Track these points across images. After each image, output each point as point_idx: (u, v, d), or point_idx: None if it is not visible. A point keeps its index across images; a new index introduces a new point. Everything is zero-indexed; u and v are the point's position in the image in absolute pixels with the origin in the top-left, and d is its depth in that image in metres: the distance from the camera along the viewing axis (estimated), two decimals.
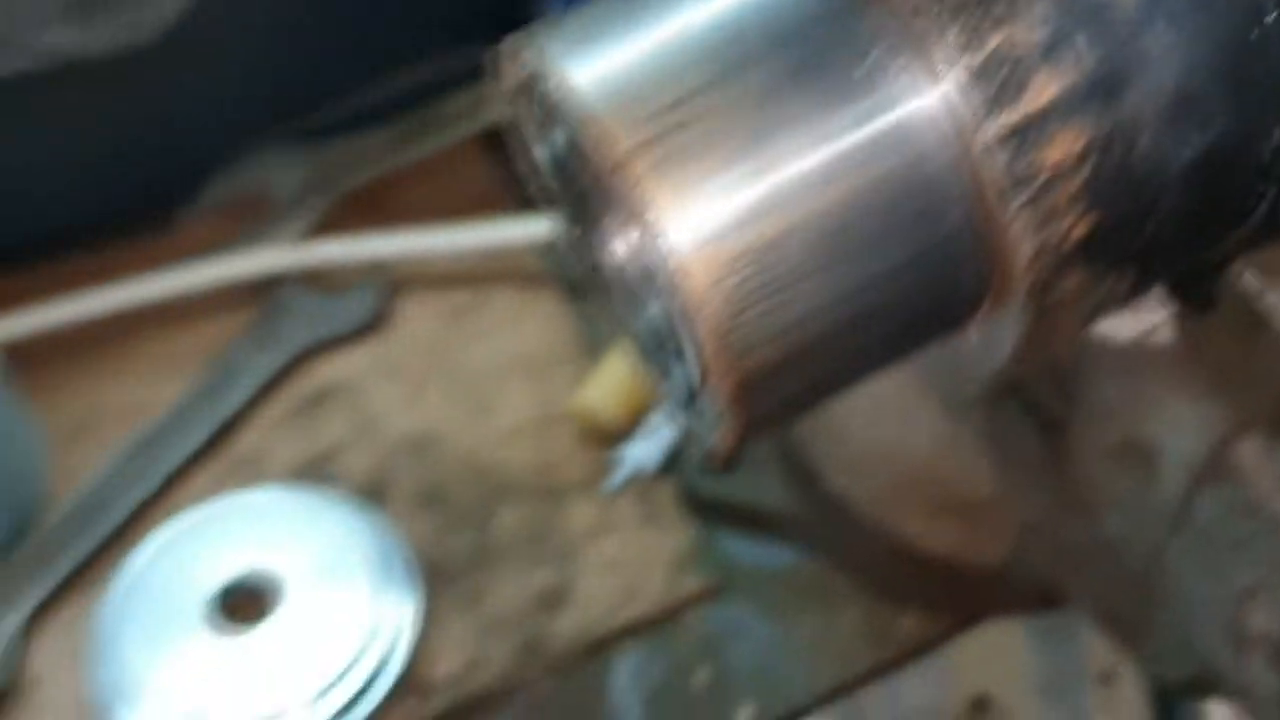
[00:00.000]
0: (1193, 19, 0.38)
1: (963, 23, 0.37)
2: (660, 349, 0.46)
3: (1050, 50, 0.37)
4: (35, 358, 1.06)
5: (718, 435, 0.42)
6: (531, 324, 1.10)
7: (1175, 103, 0.38)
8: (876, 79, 0.38)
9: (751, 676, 0.92)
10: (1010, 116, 0.37)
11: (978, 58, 0.37)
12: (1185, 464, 0.74)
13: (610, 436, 1.01)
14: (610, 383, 1.02)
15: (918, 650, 0.98)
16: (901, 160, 0.38)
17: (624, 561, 0.95)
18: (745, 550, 0.98)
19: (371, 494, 1.00)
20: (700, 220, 0.37)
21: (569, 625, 0.94)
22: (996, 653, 1.42)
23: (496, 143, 1.22)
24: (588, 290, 0.49)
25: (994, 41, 0.37)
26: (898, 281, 0.40)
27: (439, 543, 0.97)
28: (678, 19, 0.40)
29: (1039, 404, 0.82)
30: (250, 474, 1.03)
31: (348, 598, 0.92)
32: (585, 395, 1.02)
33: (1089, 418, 0.79)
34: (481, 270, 1.13)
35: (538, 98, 0.42)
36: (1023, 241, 0.38)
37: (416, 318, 1.11)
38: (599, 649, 0.94)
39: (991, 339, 0.43)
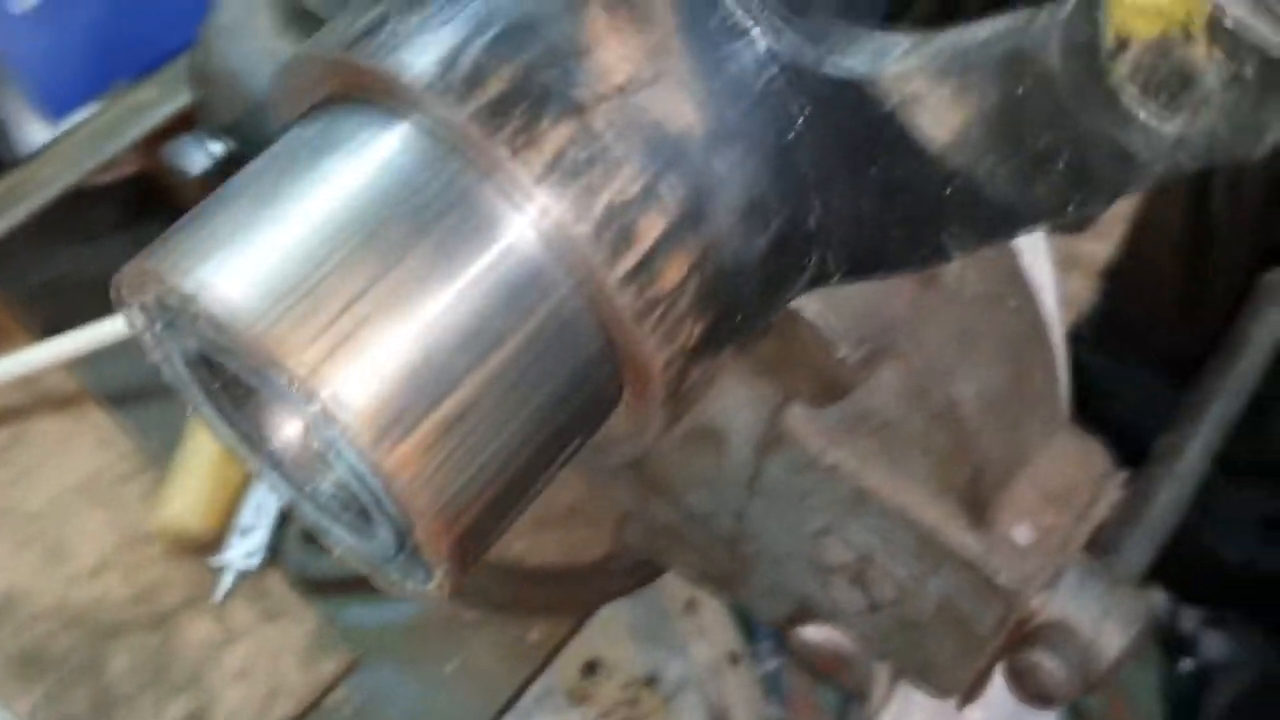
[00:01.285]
0: (742, 139, 0.45)
1: (574, 192, 0.42)
2: (345, 510, 0.48)
3: (647, 196, 0.43)
4: None
5: (436, 585, 0.45)
6: (83, 448, 1.04)
7: (746, 212, 0.45)
8: (512, 253, 0.42)
9: None
10: (629, 260, 0.42)
11: (592, 219, 0.42)
12: (748, 438, 0.84)
13: (204, 546, 0.99)
14: (190, 490, 1.00)
15: (550, 657, 1.04)
16: (547, 315, 0.43)
17: (256, 665, 0.94)
18: (371, 614, 1.00)
19: None
20: (391, 416, 0.40)
21: None
22: (599, 624, 1.51)
23: None
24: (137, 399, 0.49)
25: (603, 201, 0.42)
26: (562, 408, 0.45)
27: (52, 710, 0.91)
28: (302, 217, 0.42)
29: None
30: None
31: None
32: (168, 509, 0.99)
33: None
34: (13, 405, 1.05)
35: (168, 307, 0.42)
36: (657, 353, 0.44)
37: None
38: None
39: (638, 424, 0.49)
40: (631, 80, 0.43)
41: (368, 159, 0.43)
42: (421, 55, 0.42)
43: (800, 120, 0.46)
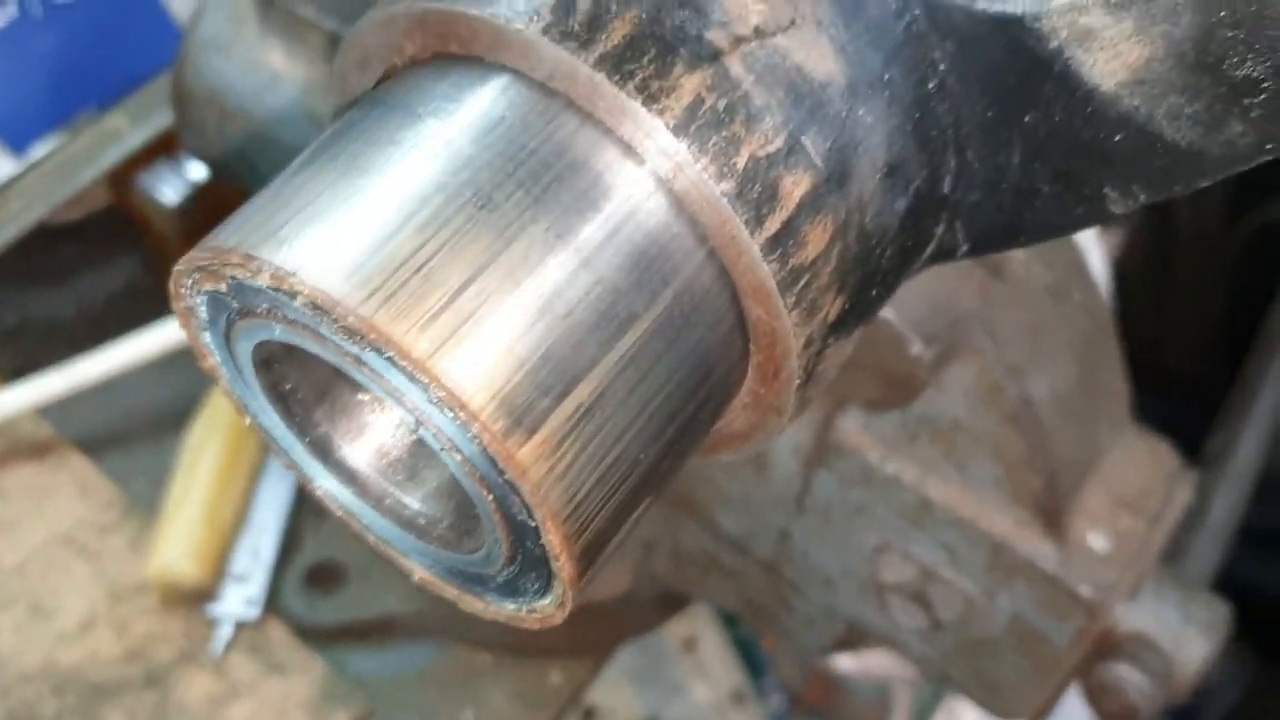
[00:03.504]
0: (881, 94, 0.40)
1: (716, 145, 0.36)
2: (438, 522, 0.42)
3: (789, 155, 0.38)
4: None
5: (555, 600, 0.40)
6: (61, 498, 0.97)
7: (886, 175, 0.40)
8: (643, 218, 0.37)
9: None
10: (774, 223, 0.37)
11: (736, 175, 0.37)
12: (794, 451, 0.79)
13: (197, 595, 0.92)
14: (180, 536, 0.93)
15: (571, 699, 0.98)
16: (681, 288, 0.38)
17: None
18: (382, 664, 0.93)
19: None
20: (523, 404, 0.34)
21: None
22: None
23: None
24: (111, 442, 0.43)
25: (745, 155, 0.37)
26: (692, 397, 0.39)
27: None
28: (405, 186, 0.36)
29: None
30: None
31: None
32: (157, 558, 0.92)
33: None
34: None
35: (253, 290, 0.36)
36: (797, 332, 0.39)
37: None
38: None
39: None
40: (768, 22, 0.38)
41: (472, 119, 0.37)
42: (530, 0, 0.37)
43: (942, 67, 0.41)
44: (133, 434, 1.03)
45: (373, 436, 0.42)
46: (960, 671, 0.83)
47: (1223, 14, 0.35)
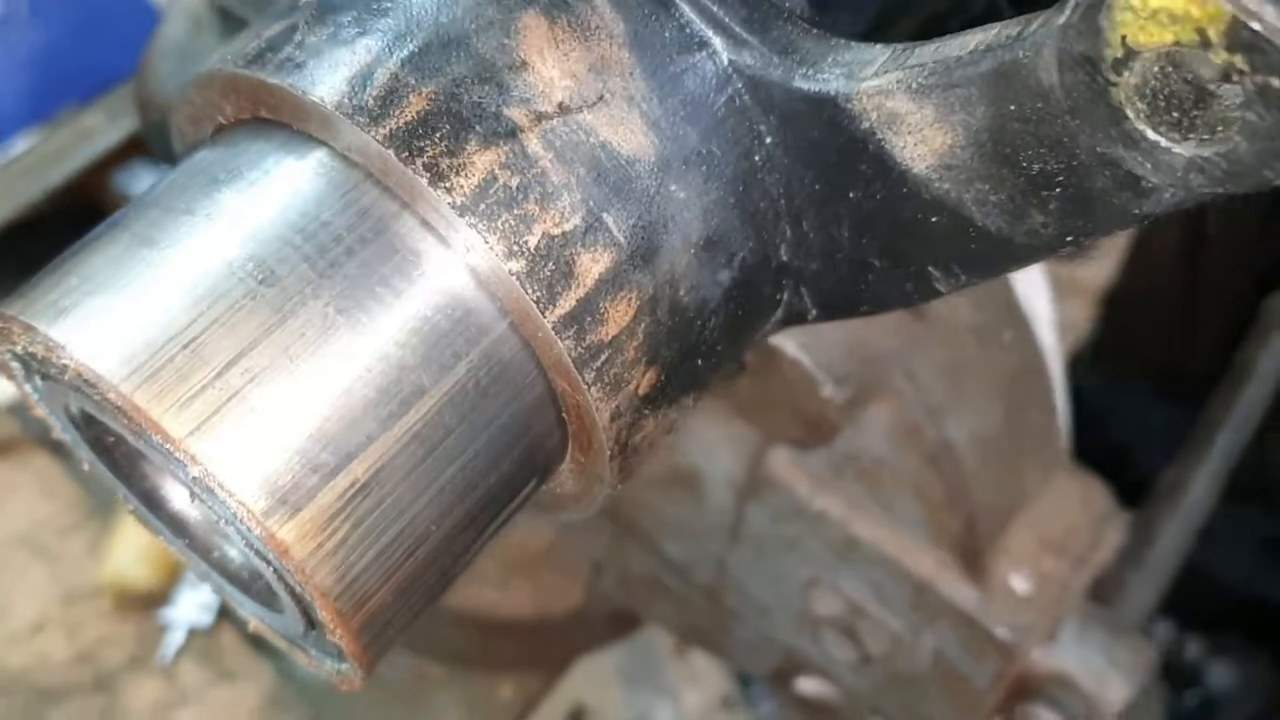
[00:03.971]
0: (698, 168, 0.40)
1: (505, 223, 0.36)
2: (255, 580, 0.43)
3: (588, 232, 0.37)
4: None
5: (346, 672, 0.40)
6: (23, 498, 0.99)
7: (704, 248, 0.40)
8: (435, 293, 0.37)
9: None
10: (568, 301, 0.37)
11: (526, 254, 0.36)
12: (728, 483, 0.79)
13: (151, 599, 0.94)
14: (136, 541, 0.94)
15: (522, 714, 0.99)
16: (478, 362, 0.38)
17: None
18: None
19: None
20: (280, 482, 0.34)
21: None
22: (584, 669, 1.46)
23: None
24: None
25: (538, 234, 0.36)
26: (495, 468, 0.39)
27: None
28: (188, 258, 0.36)
29: None
30: None
31: None
32: (113, 563, 0.94)
33: None
34: None
35: (37, 358, 0.37)
36: (600, 407, 0.39)
37: None
38: None
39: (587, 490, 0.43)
40: (574, 98, 0.38)
41: (269, 189, 0.37)
42: (332, 72, 0.37)
43: (768, 140, 0.41)
44: None
45: (185, 497, 0.43)
46: (890, 705, 0.82)
47: (1011, 108, 0.34)
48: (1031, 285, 0.78)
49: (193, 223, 0.37)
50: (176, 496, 0.43)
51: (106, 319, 0.35)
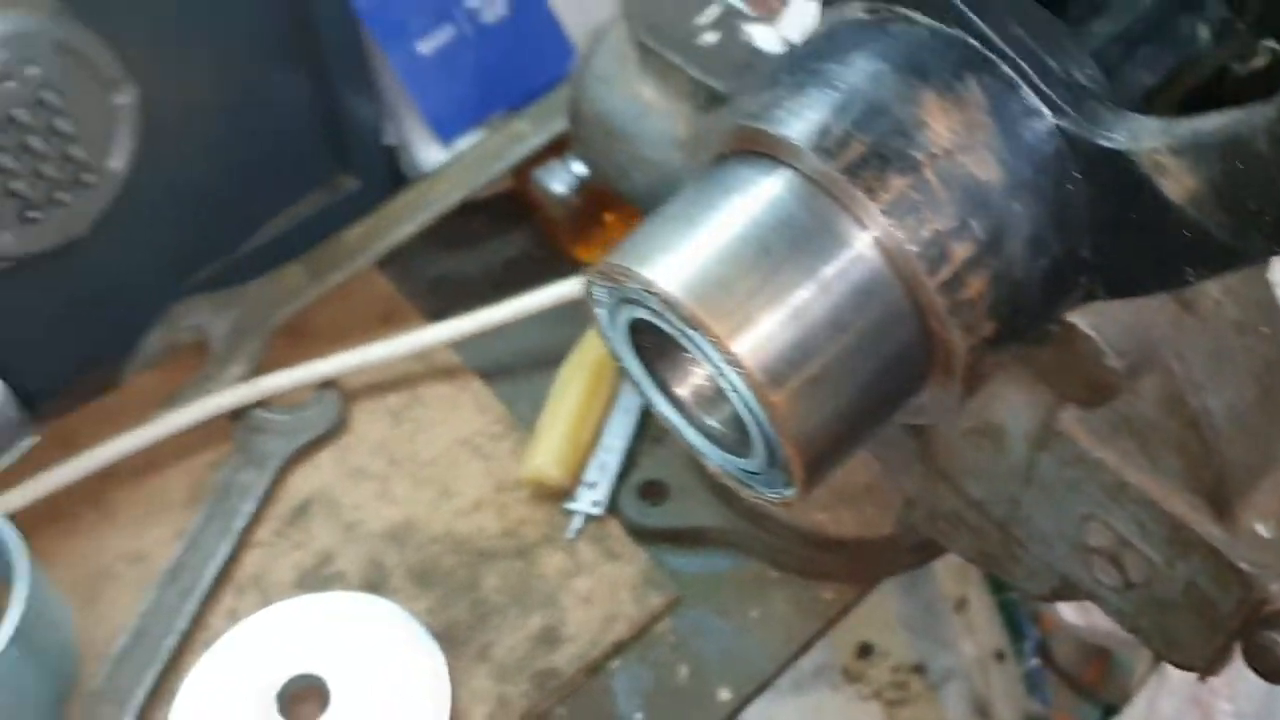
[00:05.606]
0: (1030, 193, 0.62)
1: (908, 222, 0.59)
2: (727, 438, 0.67)
3: (959, 231, 0.60)
4: (28, 527, 1.05)
5: (789, 495, 0.64)
6: (464, 411, 1.26)
7: (1030, 245, 0.62)
8: (861, 263, 0.61)
9: (721, 664, 1.11)
10: (944, 273, 0.60)
11: (920, 241, 0.59)
12: (1025, 435, 0.99)
13: (558, 493, 1.19)
14: (550, 448, 1.19)
15: (838, 616, 1.21)
16: (883, 309, 0.61)
17: (598, 594, 1.12)
18: (690, 564, 1.16)
19: (372, 587, 1.13)
20: (778, 369, 0.59)
21: (567, 657, 1.05)
22: (872, 606, 1.66)
23: (390, 266, 1.40)
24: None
25: (928, 230, 0.59)
26: (887, 375, 0.63)
27: (442, 614, 1.11)
28: (717, 236, 0.61)
29: None
30: (259, 591, 1.15)
31: (389, 678, 1.02)
32: (532, 463, 1.19)
33: None
34: (411, 374, 1.29)
35: (628, 289, 0.62)
36: (962, 342, 0.61)
37: (366, 423, 1.26)
38: (596, 670, 1.05)
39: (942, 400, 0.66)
40: (954, 145, 0.61)
41: (762, 196, 0.62)
42: (806, 126, 0.61)
43: (1077, 176, 0.62)
44: (519, 367, 1.26)
45: (692, 381, 0.68)
46: (1147, 625, 0.99)
47: (1236, 165, 0.55)
48: None
49: (719, 214, 0.61)
50: (685, 382, 0.68)
51: (678, 267, 0.60)
